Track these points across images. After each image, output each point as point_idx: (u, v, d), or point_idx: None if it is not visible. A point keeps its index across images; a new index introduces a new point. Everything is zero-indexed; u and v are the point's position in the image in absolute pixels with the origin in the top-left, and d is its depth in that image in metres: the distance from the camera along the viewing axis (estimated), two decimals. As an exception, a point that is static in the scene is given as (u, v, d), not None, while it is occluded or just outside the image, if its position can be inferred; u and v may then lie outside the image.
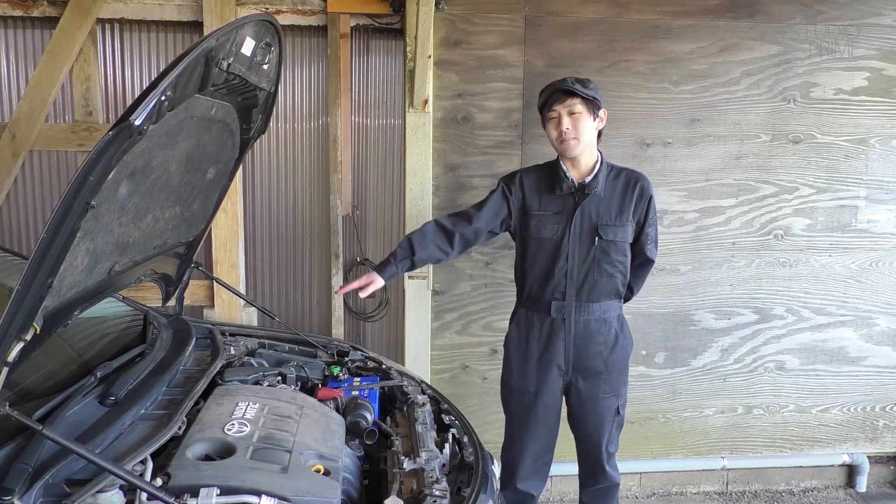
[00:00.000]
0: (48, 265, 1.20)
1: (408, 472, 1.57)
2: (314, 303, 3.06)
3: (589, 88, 2.23)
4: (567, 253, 2.28)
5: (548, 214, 2.31)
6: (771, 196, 3.05)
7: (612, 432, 2.41)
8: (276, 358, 2.13)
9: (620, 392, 2.38)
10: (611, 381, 2.35)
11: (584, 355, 2.32)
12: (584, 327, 2.31)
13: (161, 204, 1.71)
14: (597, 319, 2.31)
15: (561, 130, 2.24)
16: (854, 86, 3.01)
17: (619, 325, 2.36)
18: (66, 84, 2.71)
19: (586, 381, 2.34)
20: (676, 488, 3.28)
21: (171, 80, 1.25)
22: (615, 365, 2.34)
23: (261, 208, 2.96)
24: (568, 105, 2.22)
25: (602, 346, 2.32)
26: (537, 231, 2.32)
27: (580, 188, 2.29)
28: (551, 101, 2.25)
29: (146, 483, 1.26)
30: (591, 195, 2.27)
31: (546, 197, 2.33)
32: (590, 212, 2.28)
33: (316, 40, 2.88)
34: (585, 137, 2.24)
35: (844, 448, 3.32)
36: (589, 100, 2.23)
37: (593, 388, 2.34)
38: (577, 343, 2.31)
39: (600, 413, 2.36)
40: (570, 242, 2.28)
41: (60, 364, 1.74)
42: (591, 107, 2.24)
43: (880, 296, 3.19)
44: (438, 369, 3.01)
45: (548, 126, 2.30)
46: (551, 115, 2.26)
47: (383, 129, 2.98)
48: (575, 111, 2.22)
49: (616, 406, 2.38)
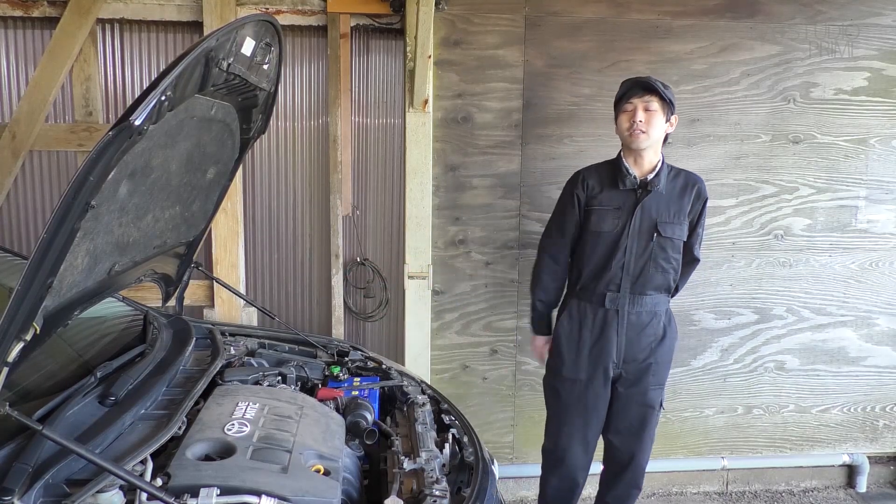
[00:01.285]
0: (48, 265, 1.20)
1: (408, 472, 1.57)
2: (314, 303, 3.06)
3: (669, 91, 2.30)
4: (625, 247, 2.34)
5: (609, 209, 2.37)
6: (771, 196, 3.05)
7: (654, 427, 2.48)
8: (276, 358, 2.13)
9: (664, 385, 2.46)
10: (658, 373, 2.42)
11: (636, 346, 2.38)
12: (637, 319, 2.38)
13: (161, 204, 1.70)
14: (648, 312, 2.38)
15: (634, 122, 2.29)
16: (854, 86, 3.01)
17: (667, 318, 2.43)
18: (66, 84, 2.71)
19: (637, 372, 2.40)
20: (676, 488, 3.28)
21: (171, 80, 1.25)
22: (663, 357, 2.41)
23: (261, 208, 2.96)
24: (646, 100, 2.28)
25: (652, 339, 2.39)
26: (597, 225, 2.38)
27: (642, 185, 2.34)
28: (630, 93, 2.31)
29: (146, 483, 1.25)
30: (653, 192, 2.33)
31: (608, 192, 2.38)
32: (650, 208, 2.33)
33: (316, 40, 2.87)
34: (654, 135, 2.30)
35: (844, 448, 3.33)
36: (666, 101, 2.29)
37: (642, 379, 2.41)
38: (629, 334, 2.38)
39: (646, 404, 2.43)
40: (629, 237, 2.33)
41: (60, 364, 1.74)
42: (667, 108, 2.31)
43: (880, 296, 3.19)
44: (438, 369, 3.01)
45: (620, 117, 2.35)
46: (627, 106, 2.32)
47: (383, 129, 2.97)
48: (651, 108, 2.28)
49: (660, 399, 2.46)
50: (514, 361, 3.06)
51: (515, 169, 2.90)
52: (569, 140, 2.91)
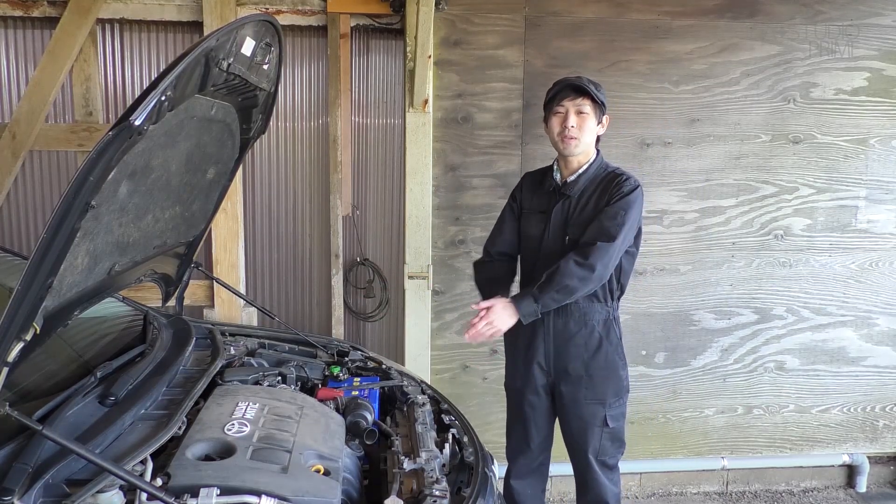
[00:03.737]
0: (48, 265, 1.20)
1: (408, 472, 1.57)
2: (314, 303, 3.06)
3: (601, 92, 2.23)
4: (546, 251, 2.26)
5: (534, 213, 2.33)
6: (771, 196, 3.05)
7: (601, 442, 2.29)
8: (276, 358, 2.13)
9: (607, 401, 2.26)
10: (593, 388, 2.26)
11: (564, 356, 2.26)
12: (563, 327, 2.25)
13: (161, 204, 1.70)
14: (576, 321, 2.24)
15: (566, 127, 2.20)
16: (854, 86, 3.01)
17: (604, 330, 2.25)
18: (66, 84, 2.71)
19: (567, 384, 2.28)
20: (676, 488, 3.28)
21: (171, 80, 1.25)
22: (598, 371, 2.25)
23: (261, 208, 2.96)
24: (578, 104, 2.20)
25: (582, 349, 2.25)
26: (525, 229, 2.34)
27: (560, 187, 2.28)
28: (561, 95, 2.22)
29: (146, 483, 1.25)
30: (570, 195, 2.24)
31: (536, 195, 2.34)
32: (566, 210, 2.25)
33: (316, 40, 2.87)
34: (586, 139, 2.22)
35: (844, 448, 3.32)
36: (598, 103, 2.21)
37: (574, 392, 2.27)
38: (556, 342, 2.27)
39: (583, 418, 2.28)
40: (548, 241, 2.26)
41: (60, 364, 1.74)
42: (598, 110, 2.23)
43: (880, 296, 3.19)
44: (438, 369, 3.01)
45: (552, 120, 2.25)
46: (558, 109, 2.22)
47: (383, 129, 2.98)
48: (583, 111, 2.20)
49: (603, 415, 2.27)
50: (514, 361, 3.06)
51: (515, 169, 2.90)
52: (569, 140, 2.91)
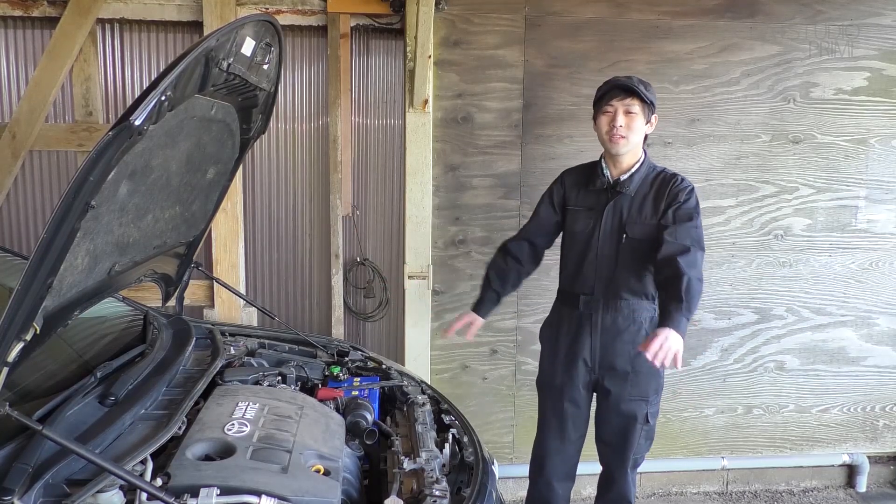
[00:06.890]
0: (48, 265, 1.20)
1: (408, 472, 1.57)
2: (314, 303, 3.06)
3: (650, 92, 2.24)
4: (597, 249, 2.28)
5: (582, 209, 2.34)
6: (771, 196, 3.05)
7: (639, 441, 2.35)
8: (276, 358, 2.13)
9: (650, 398, 2.31)
10: (638, 384, 2.28)
11: (611, 353, 2.28)
12: (612, 324, 2.28)
13: (161, 204, 1.70)
14: (625, 318, 2.27)
15: (614, 126, 2.21)
16: (854, 86, 3.01)
17: (650, 327, 2.27)
18: (66, 84, 2.71)
19: (612, 380, 2.30)
20: (676, 488, 3.28)
21: (171, 80, 1.25)
22: (643, 367, 2.24)
23: (261, 208, 2.96)
24: (626, 103, 2.21)
25: (629, 346, 2.26)
26: (571, 225, 2.35)
27: (613, 185, 2.29)
28: (610, 95, 2.23)
29: (146, 483, 1.25)
30: (624, 193, 2.26)
31: (583, 192, 2.35)
32: (620, 209, 2.27)
33: (316, 40, 2.87)
34: (634, 138, 2.23)
35: (844, 448, 3.32)
36: (647, 102, 2.22)
37: (619, 389, 2.29)
38: (604, 339, 2.29)
39: (626, 415, 2.31)
40: (600, 238, 2.28)
41: (60, 364, 1.74)
42: (648, 110, 2.24)
43: (880, 296, 3.19)
44: (438, 369, 3.01)
45: (600, 119, 2.26)
46: (607, 109, 2.23)
47: (383, 129, 2.98)
48: (632, 111, 2.21)
49: (645, 413, 2.31)
50: (514, 361, 3.06)
51: (515, 169, 2.90)
52: (569, 140, 2.91)
